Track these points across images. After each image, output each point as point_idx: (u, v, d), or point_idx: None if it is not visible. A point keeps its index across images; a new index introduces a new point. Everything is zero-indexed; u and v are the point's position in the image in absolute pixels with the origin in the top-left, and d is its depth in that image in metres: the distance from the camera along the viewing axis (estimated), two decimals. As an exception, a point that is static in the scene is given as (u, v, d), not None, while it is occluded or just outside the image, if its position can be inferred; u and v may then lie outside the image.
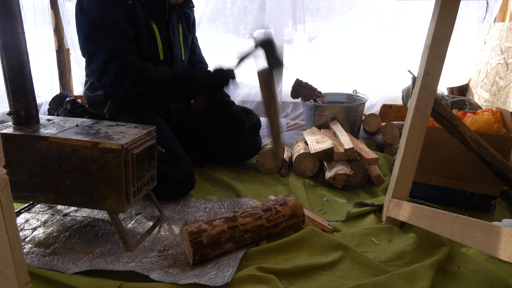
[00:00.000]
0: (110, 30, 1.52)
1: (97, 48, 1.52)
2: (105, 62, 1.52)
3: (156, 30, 1.64)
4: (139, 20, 1.58)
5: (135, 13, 1.56)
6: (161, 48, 1.68)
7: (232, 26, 2.55)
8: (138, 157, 1.14)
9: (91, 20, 1.51)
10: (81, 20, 1.55)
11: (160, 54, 1.69)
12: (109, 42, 1.52)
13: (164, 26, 1.69)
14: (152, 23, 1.63)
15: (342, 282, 1.04)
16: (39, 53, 2.52)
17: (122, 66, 1.52)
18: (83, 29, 1.54)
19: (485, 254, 1.12)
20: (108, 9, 1.51)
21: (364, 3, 2.48)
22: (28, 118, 1.17)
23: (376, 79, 2.51)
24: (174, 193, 1.52)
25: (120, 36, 1.53)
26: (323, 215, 1.47)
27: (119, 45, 1.53)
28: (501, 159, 1.35)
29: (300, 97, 2.19)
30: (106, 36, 1.51)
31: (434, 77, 1.25)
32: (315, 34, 2.54)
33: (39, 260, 1.09)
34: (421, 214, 1.13)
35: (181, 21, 1.79)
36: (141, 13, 1.58)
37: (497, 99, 2.06)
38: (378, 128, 2.24)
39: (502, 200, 1.60)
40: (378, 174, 1.71)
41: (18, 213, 1.36)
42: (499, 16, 2.46)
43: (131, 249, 1.16)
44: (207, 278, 1.02)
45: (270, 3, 2.35)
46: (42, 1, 2.45)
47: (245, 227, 1.16)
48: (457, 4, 1.19)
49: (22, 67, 1.12)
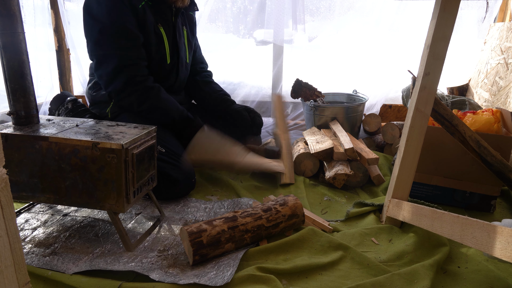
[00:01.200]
0: (120, 36, 1.51)
1: (106, 54, 1.52)
2: (115, 70, 1.52)
3: (164, 34, 1.64)
4: (148, 24, 1.57)
5: (145, 17, 1.56)
6: (168, 52, 1.68)
7: (232, 26, 2.55)
8: (138, 157, 1.14)
9: (101, 25, 1.50)
10: (90, 24, 1.53)
11: (167, 58, 1.68)
12: (119, 48, 1.51)
13: (171, 30, 1.69)
14: (160, 26, 1.62)
15: (342, 282, 1.04)
16: (39, 53, 2.51)
17: (132, 78, 1.52)
18: (92, 34, 1.53)
19: (485, 254, 1.12)
20: (118, 14, 1.50)
21: (364, 3, 2.48)
22: (28, 118, 1.17)
23: (376, 79, 2.51)
24: (175, 193, 1.52)
25: (130, 42, 1.53)
26: (323, 215, 1.47)
27: (129, 51, 1.53)
28: (501, 159, 1.35)
29: (300, 97, 2.19)
30: (116, 42, 1.50)
31: (434, 77, 1.25)
32: (315, 34, 2.53)
33: (39, 260, 1.09)
34: (421, 214, 1.13)
35: (185, 24, 1.79)
36: (150, 17, 1.58)
37: (497, 99, 2.06)
38: (378, 128, 2.24)
39: (502, 200, 1.60)
40: (378, 174, 1.71)
41: (18, 213, 1.36)
42: (499, 16, 2.46)
43: (131, 249, 1.16)
44: (207, 278, 1.02)
45: (270, 3, 2.35)
46: (42, 1, 2.45)
47: (245, 227, 1.16)
48: (457, 4, 1.19)
49: (22, 67, 1.12)
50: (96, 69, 1.59)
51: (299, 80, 2.15)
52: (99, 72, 1.57)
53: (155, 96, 1.57)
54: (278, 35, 2.38)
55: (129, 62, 1.53)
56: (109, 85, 1.56)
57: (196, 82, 1.96)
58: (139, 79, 1.55)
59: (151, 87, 1.57)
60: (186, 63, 1.81)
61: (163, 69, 1.69)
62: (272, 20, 2.36)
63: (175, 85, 1.79)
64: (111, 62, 1.52)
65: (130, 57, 1.53)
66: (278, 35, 2.39)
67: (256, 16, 2.45)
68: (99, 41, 1.52)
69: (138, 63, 1.56)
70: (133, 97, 1.55)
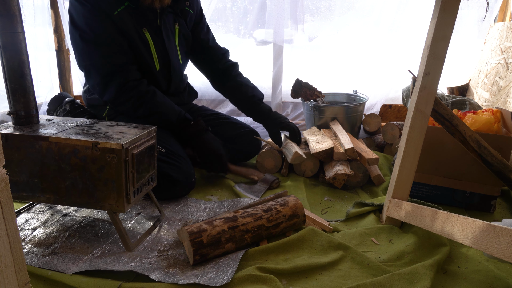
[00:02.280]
0: (102, 43, 1.46)
1: (93, 63, 1.48)
2: (105, 79, 1.49)
3: (150, 39, 1.56)
4: (129, 30, 1.50)
5: (123, 24, 1.48)
6: (156, 58, 1.60)
7: (232, 26, 2.55)
8: (138, 157, 1.14)
9: (82, 33, 1.46)
10: (73, 33, 1.50)
11: (156, 65, 1.61)
12: (102, 56, 1.47)
13: (158, 33, 1.59)
14: (145, 31, 1.54)
15: (342, 282, 1.04)
16: (39, 53, 2.52)
17: (123, 85, 1.49)
18: (76, 43, 1.50)
19: (485, 254, 1.12)
20: (97, 21, 1.45)
21: (364, 3, 2.48)
22: (28, 118, 1.17)
23: (376, 79, 2.51)
24: (174, 193, 1.52)
25: (114, 48, 1.48)
26: (323, 215, 1.47)
27: (115, 58, 1.48)
28: (501, 159, 1.35)
29: (300, 97, 2.19)
30: (99, 50, 1.46)
31: (434, 77, 1.25)
32: (315, 34, 2.53)
33: (39, 260, 1.09)
34: (421, 214, 1.13)
35: (178, 20, 1.66)
36: (131, 23, 1.50)
37: (497, 99, 2.06)
38: (378, 128, 2.24)
39: (502, 200, 1.60)
40: (378, 174, 1.71)
41: (18, 213, 1.35)
42: (499, 16, 2.46)
43: (131, 249, 1.16)
44: (207, 278, 1.02)
45: (270, 3, 2.35)
46: (42, 1, 2.45)
47: (245, 227, 1.16)
48: (457, 4, 1.19)
49: (22, 67, 1.12)
50: (87, 80, 1.56)
51: (299, 80, 2.15)
52: (90, 82, 1.54)
53: (150, 100, 1.52)
54: (278, 35, 2.38)
55: (116, 68, 1.48)
56: (103, 95, 1.53)
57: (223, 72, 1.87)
58: (131, 84, 1.50)
59: (146, 91, 1.52)
60: (179, 65, 1.72)
61: (153, 75, 1.62)
62: (272, 20, 2.36)
63: (170, 89, 1.72)
64: (98, 71, 1.48)
65: (116, 64, 1.48)
66: (278, 35, 2.38)
67: (256, 16, 2.45)
68: (83, 51, 1.48)
69: (127, 68, 1.50)
70: (129, 103, 1.51)
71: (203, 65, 1.90)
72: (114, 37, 1.48)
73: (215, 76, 1.90)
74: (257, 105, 1.84)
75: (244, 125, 1.93)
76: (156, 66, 1.62)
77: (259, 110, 1.84)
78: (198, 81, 2.37)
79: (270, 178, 1.71)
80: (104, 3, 1.45)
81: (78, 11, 1.46)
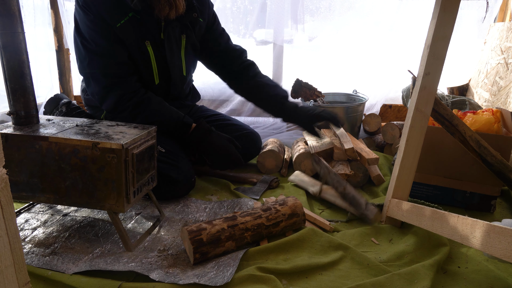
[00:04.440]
0: (103, 54, 1.45)
1: (93, 72, 1.47)
2: (104, 89, 1.48)
3: (152, 52, 1.54)
4: (131, 43, 1.49)
5: (126, 36, 1.47)
6: (156, 72, 1.58)
7: (232, 26, 2.55)
8: (138, 157, 1.14)
9: (84, 40, 1.46)
10: (76, 40, 1.49)
11: (155, 79, 1.59)
12: (104, 67, 1.46)
13: (160, 47, 1.56)
14: (148, 44, 1.52)
15: (342, 282, 1.04)
16: (39, 53, 2.51)
17: (122, 97, 1.48)
18: (78, 49, 1.49)
19: (485, 254, 1.12)
20: (98, 31, 1.44)
21: (364, 3, 2.48)
22: (28, 118, 1.17)
23: (376, 79, 2.51)
24: (174, 193, 1.52)
25: (114, 60, 1.47)
26: (323, 215, 1.47)
27: (116, 68, 1.47)
28: (501, 159, 1.35)
29: (300, 97, 2.19)
30: (99, 60, 1.46)
31: (434, 77, 1.25)
32: (315, 34, 2.54)
33: (39, 260, 1.09)
34: (421, 214, 1.13)
35: (185, 32, 1.62)
36: (133, 35, 1.48)
37: (497, 99, 2.06)
38: (378, 128, 2.24)
39: (502, 200, 1.60)
40: (378, 174, 1.71)
41: (18, 213, 1.35)
42: (499, 16, 2.46)
43: (131, 249, 1.16)
44: (207, 278, 1.02)
45: (270, 3, 2.35)
46: (42, 1, 2.45)
47: (245, 226, 1.16)
48: (457, 4, 1.19)
49: (22, 67, 1.12)
50: (86, 86, 1.56)
51: (299, 80, 2.15)
52: (90, 89, 1.54)
53: (145, 110, 1.51)
54: (278, 35, 2.38)
55: (115, 80, 1.47)
56: (102, 103, 1.53)
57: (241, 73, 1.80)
58: (129, 96, 1.49)
59: (141, 101, 1.51)
60: (182, 78, 1.68)
61: (151, 89, 1.60)
62: (272, 20, 2.36)
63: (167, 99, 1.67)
64: (99, 81, 1.48)
65: (116, 75, 1.47)
66: (278, 35, 2.39)
67: (256, 16, 2.45)
68: (84, 58, 1.48)
69: (126, 80, 1.49)
70: (125, 114, 1.51)
71: (217, 68, 1.84)
72: (115, 48, 1.47)
73: (231, 78, 1.83)
74: (282, 104, 1.71)
75: (244, 126, 1.91)
76: (156, 80, 1.60)
77: (284, 109, 1.71)
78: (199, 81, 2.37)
79: (269, 178, 1.72)
80: (108, 14, 1.43)
81: (81, 19, 1.46)
